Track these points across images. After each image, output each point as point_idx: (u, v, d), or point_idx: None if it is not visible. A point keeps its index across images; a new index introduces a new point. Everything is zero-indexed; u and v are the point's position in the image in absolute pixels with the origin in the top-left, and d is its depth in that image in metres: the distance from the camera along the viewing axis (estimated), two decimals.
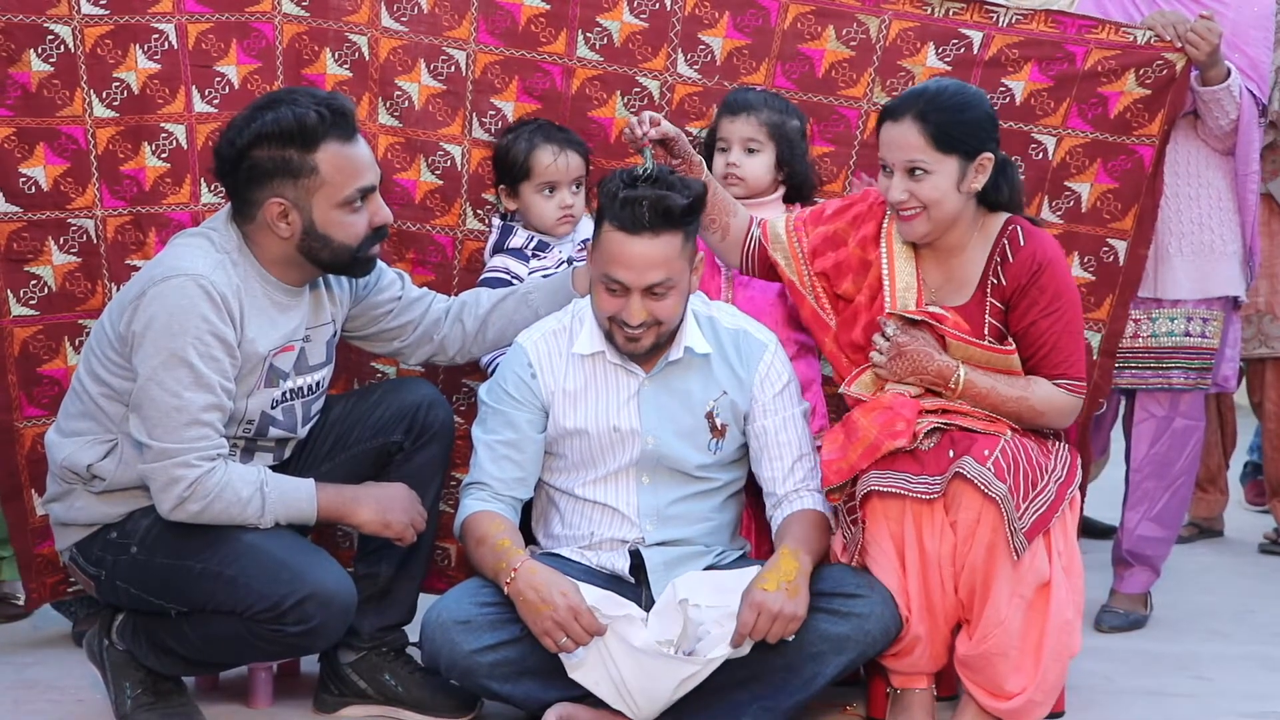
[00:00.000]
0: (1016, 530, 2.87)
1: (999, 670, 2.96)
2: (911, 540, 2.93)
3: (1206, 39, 3.47)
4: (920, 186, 3.02)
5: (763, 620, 2.82)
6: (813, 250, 3.20)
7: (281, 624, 2.84)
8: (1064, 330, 3.06)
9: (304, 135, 2.88)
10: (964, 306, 3.10)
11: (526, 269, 3.41)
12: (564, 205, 3.41)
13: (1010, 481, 2.86)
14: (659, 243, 2.95)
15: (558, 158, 3.38)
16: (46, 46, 3.26)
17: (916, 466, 2.92)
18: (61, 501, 3.00)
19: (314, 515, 2.94)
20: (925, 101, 3.03)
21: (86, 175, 3.32)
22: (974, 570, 2.91)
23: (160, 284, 2.84)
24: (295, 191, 2.90)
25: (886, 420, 2.96)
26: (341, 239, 2.94)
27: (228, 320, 2.86)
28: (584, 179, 3.45)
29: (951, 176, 3.03)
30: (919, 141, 3.01)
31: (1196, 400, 3.89)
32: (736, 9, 3.48)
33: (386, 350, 3.27)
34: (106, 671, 3.05)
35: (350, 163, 2.92)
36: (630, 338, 3.00)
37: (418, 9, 3.46)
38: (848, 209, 3.22)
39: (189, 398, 2.82)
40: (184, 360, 2.81)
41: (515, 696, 2.95)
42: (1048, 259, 3.07)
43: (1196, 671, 3.51)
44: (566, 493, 3.14)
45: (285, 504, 2.90)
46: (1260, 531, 4.92)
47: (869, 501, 2.94)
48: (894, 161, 3.04)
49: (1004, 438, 2.92)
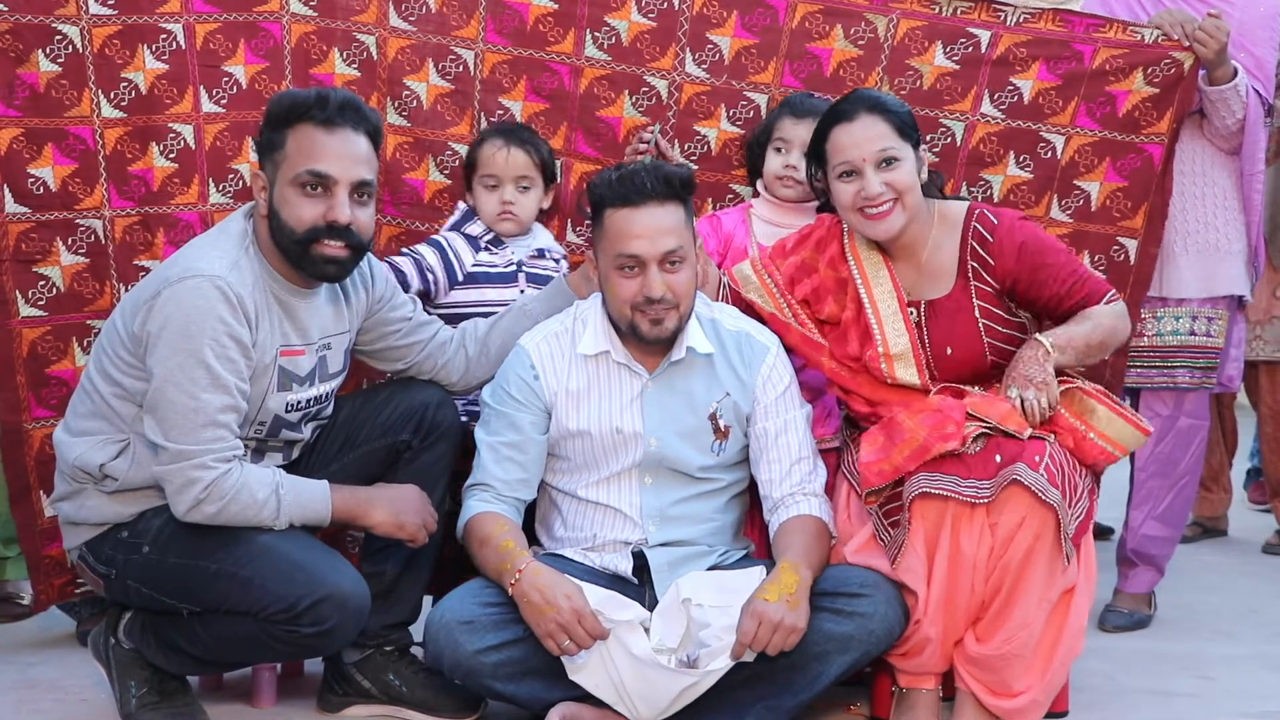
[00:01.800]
0: (1068, 535, 2.89)
1: (1012, 670, 2.97)
2: (945, 542, 2.94)
3: (1215, 37, 3.47)
4: (896, 175, 3.08)
5: (763, 631, 2.82)
6: (789, 280, 3.24)
7: (297, 625, 2.84)
8: (1072, 273, 3.12)
9: (287, 115, 2.90)
10: (949, 296, 3.14)
11: (472, 258, 3.43)
12: (504, 201, 3.42)
13: (1060, 488, 2.88)
14: (665, 210, 2.98)
15: (499, 152, 3.40)
16: (55, 47, 3.26)
17: (964, 470, 2.92)
18: (71, 501, 3.00)
19: (329, 516, 2.94)
20: (872, 99, 3.14)
21: (95, 176, 3.32)
22: (1006, 572, 2.92)
23: (176, 285, 2.83)
24: (271, 167, 2.93)
25: (937, 423, 2.96)
26: (286, 218, 2.90)
27: (243, 321, 2.85)
28: (536, 182, 3.44)
29: (914, 163, 3.11)
30: (886, 130, 3.08)
31: (1201, 399, 3.89)
32: (744, 8, 3.48)
33: (390, 369, 3.27)
34: (112, 670, 3.06)
35: (313, 145, 2.89)
36: (655, 319, 3.00)
37: (426, 9, 3.46)
38: (808, 237, 3.28)
39: (206, 399, 2.81)
40: (201, 361, 2.80)
41: (519, 696, 2.95)
42: (1024, 230, 3.13)
43: (1201, 671, 3.51)
44: (569, 494, 3.14)
45: (300, 505, 2.90)
46: (1263, 531, 4.92)
47: (915, 503, 2.94)
48: (862, 158, 3.08)
49: (1049, 443, 2.94)
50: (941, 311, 3.16)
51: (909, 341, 3.13)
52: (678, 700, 2.88)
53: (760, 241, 3.44)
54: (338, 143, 2.90)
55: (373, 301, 3.16)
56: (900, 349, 3.13)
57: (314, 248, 2.91)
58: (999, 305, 3.14)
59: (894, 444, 2.98)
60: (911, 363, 3.13)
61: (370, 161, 2.96)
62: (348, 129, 2.91)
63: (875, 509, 3.01)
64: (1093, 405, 3.03)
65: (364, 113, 2.95)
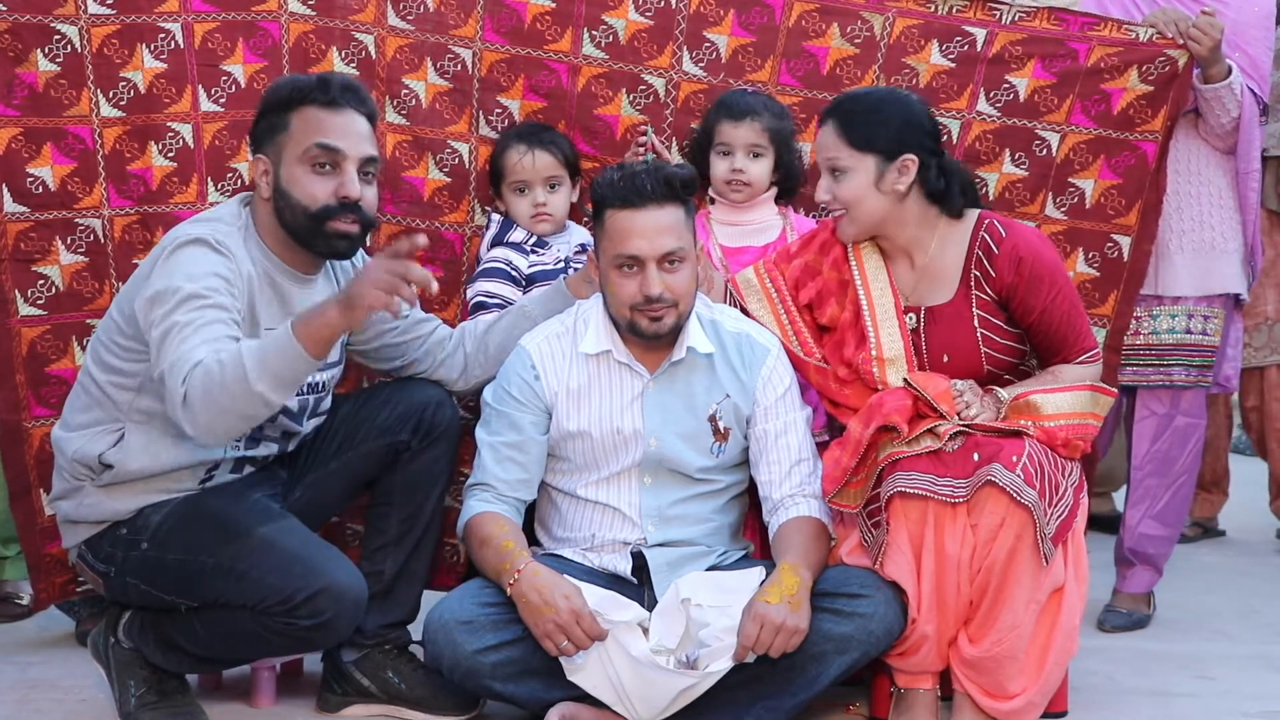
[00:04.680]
0: (1046, 536, 2.89)
1: (1006, 672, 2.96)
2: (930, 542, 2.94)
3: (1209, 34, 3.48)
4: (839, 187, 3.12)
5: (765, 633, 2.82)
6: (795, 282, 3.26)
7: (294, 617, 2.83)
8: (1069, 310, 3.14)
9: (289, 98, 2.93)
10: (950, 303, 3.16)
11: (527, 262, 3.44)
12: (536, 204, 3.44)
13: (1038, 487, 2.88)
14: (665, 212, 2.99)
15: (524, 157, 3.42)
16: (53, 46, 3.26)
17: (941, 469, 2.93)
18: (70, 499, 3.00)
19: (301, 347, 2.66)
20: (845, 102, 3.18)
21: (94, 175, 3.32)
22: (991, 573, 2.92)
23: (170, 254, 2.84)
24: (274, 150, 2.94)
25: (867, 414, 3.01)
26: (298, 197, 2.92)
27: (236, 273, 2.86)
28: (564, 180, 3.47)
29: (869, 175, 3.10)
30: (835, 140, 3.12)
31: (1198, 398, 3.90)
32: (742, 7, 3.49)
33: (387, 368, 3.27)
34: (111, 670, 3.05)
35: (319, 122, 2.92)
36: (654, 316, 3.01)
37: (424, 8, 3.47)
38: (811, 240, 3.30)
39: (205, 317, 2.74)
40: (198, 295, 2.76)
41: (518, 696, 2.95)
42: (1031, 245, 3.14)
43: (1200, 671, 3.50)
44: (568, 494, 3.14)
45: (266, 351, 2.67)
46: (1262, 532, 4.92)
47: (893, 503, 2.95)
48: (820, 163, 3.16)
49: (1028, 442, 2.94)
50: (941, 318, 3.17)
51: (902, 346, 3.14)
52: (676, 701, 2.88)
53: (722, 242, 3.46)
54: (344, 121, 2.94)
55: None
56: (893, 353, 3.14)
57: (327, 224, 2.93)
58: (999, 316, 3.15)
59: (843, 449, 3.02)
60: (903, 367, 3.13)
61: (373, 140, 3.00)
62: (350, 109, 2.95)
63: (860, 512, 3.01)
64: (1033, 401, 3.04)
65: (362, 95, 2.99)
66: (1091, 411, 3.06)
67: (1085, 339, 3.18)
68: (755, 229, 3.47)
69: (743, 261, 3.41)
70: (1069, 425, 3.02)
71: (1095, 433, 3.09)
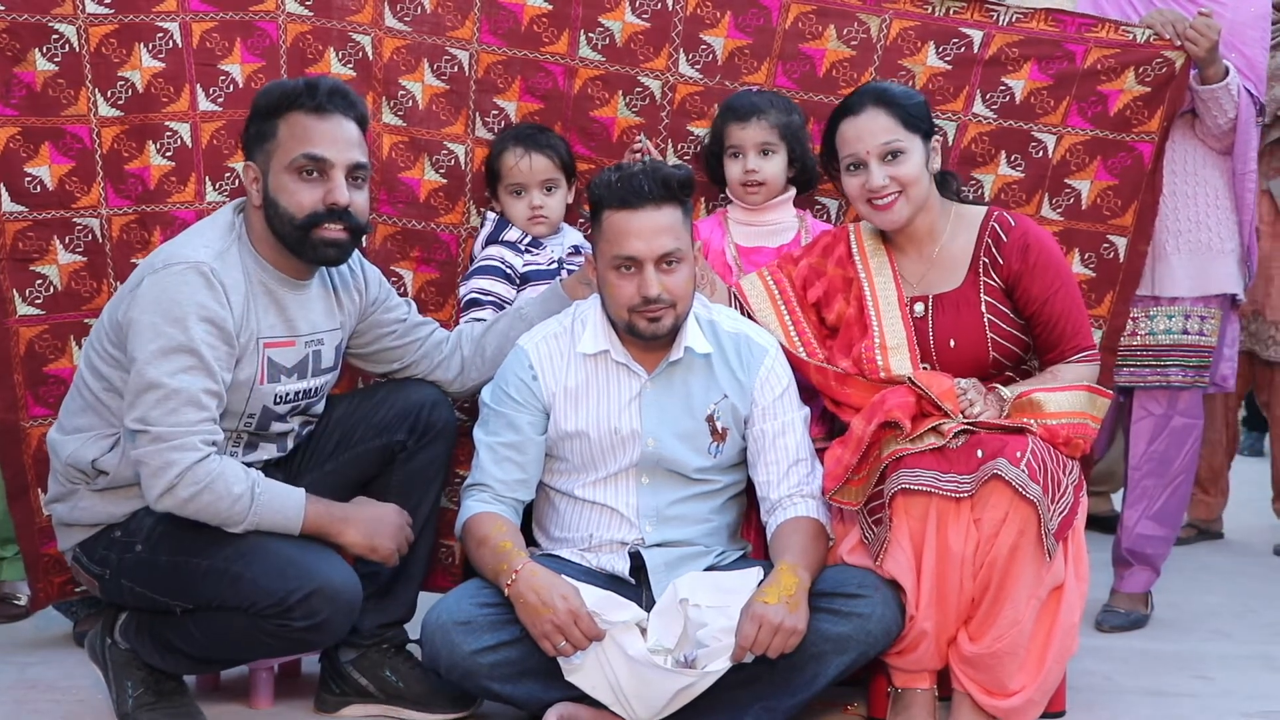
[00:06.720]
0: (1049, 532, 2.89)
1: (1006, 669, 2.97)
2: (932, 538, 2.94)
3: (1206, 35, 3.49)
4: (899, 168, 3.15)
5: (764, 633, 2.82)
6: (802, 282, 3.29)
7: (288, 619, 2.83)
8: (1070, 306, 3.18)
9: (277, 105, 2.93)
10: (958, 290, 3.20)
11: (521, 261, 3.45)
12: (533, 206, 3.45)
13: (1041, 483, 2.89)
14: (662, 213, 3.00)
15: (521, 160, 3.43)
16: (51, 46, 3.27)
17: (945, 465, 2.94)
18: (65, 502, 3.00)
19: (299, 525, 2.89)
20: (878, 92, 3.21)
21: (92, 174, 3.33)
22: (993, 569, 2.92)
23: (160, 272, 2.84)
24: (263, 158, 2.94)
25: (870, 413, 3.01)
26: (286, 205, 2.92)
27: (226, 305, 2.85)
28: (560, 182, 3.48)
29: (921, 155, 3.17)
30: (890, 124, 3.16)
31: (1195, 398, 3.90)
32: (738, 9, 3.50)
33: (385, 370, 3.27)
34: (108, 671, 3.05)
35: (306, 130, 2.92)
36: (652, 317, 3.01)
37: (421, 9, 3.48)
38: (815, 245, 3.35)
39: (187, 381, 2.79)
40: (182, 345, 2.79)
41: (516, 697, 2.95)
42: (1039, 237, 3.20)
43: (1198, 671, 3.51)
44: (566, 494, 3.15)
45: (273, 510, 2.86)
46: (1261, 533, 4.92)
47: (896, 499, 2.95)
48: (867, 151, 3.17)
49: (1031, 439, 2.94)
50: (949, 305, 3.20)
51: (905, 335, 3.16)
52: (674, 701, 2.87)
53: (738, 242, 3.47)
54: (330, 127, 2.93)
55: (366, 304, 3.17)
56: (896, 341, 3.15)
57: (315, 232, 2.93)
58: (1005, 304, 3.19)
59: (845, 446, 3.02)
60: (906, 355, 3.14)
61: (362, 146, 2.99)
62: (338, 114, 2.94)
63: (860, 509, 3.01)
64: (1035, 399, 3.05)
65: (352, 99, 2.98)
66: (1089, 412, 3.06)
67: (1084, 338, 3.20)
68: (771, 230, 3.49)
69: (757, 261, 3.43)
70: (1070, 424, 3.03)
71: (1094, 434, 3.09)
